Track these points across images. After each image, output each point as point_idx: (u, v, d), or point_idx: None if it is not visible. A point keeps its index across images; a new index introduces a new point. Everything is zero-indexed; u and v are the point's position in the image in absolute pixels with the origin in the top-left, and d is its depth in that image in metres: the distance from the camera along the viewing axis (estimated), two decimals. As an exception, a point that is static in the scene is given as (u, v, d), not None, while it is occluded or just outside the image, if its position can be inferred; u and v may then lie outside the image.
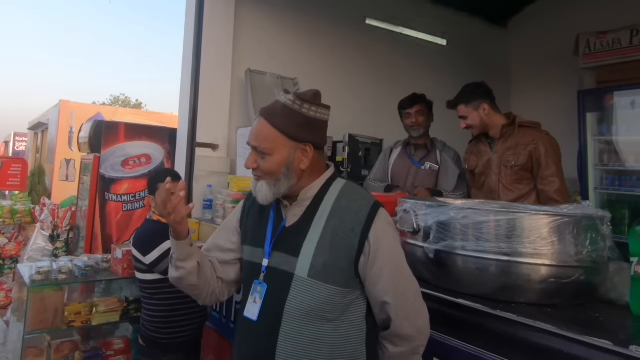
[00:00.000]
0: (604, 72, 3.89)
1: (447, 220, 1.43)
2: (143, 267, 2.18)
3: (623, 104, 3.69)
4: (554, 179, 2.17)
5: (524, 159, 2.21)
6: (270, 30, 3.73)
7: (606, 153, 3.81)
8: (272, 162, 1.20)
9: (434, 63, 4.59)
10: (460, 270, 1.41)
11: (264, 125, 1.21)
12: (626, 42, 3.73)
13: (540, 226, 1.32)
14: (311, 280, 1.15)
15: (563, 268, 1.30)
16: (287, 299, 1.16)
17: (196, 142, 3.22)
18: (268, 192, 1.21)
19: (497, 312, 1.29)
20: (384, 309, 1.19)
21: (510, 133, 2.28)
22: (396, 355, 1.21)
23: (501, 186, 2.28)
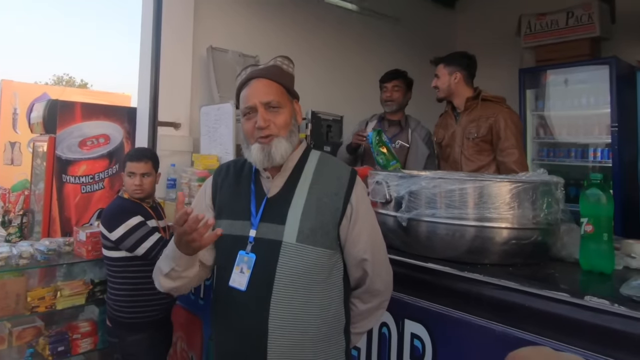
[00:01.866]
0: (542, 51, 4.06)
1: (418, 190, 1.47)
2: (109, 243, 2.10)
3: (557, 81, 3.90)
4: (512, 150, 2.25)
5: (484, 131, 2.29)
6: (231, 7, 3.59)
7: (542, 127, 4.02)
8: (285, 114, 1.22)
9: (387, 41, 4.62)
10: (430, 236, 1.46)
11: (267, 82, 1.23)
12: (562, 24, 3.91)
13: (504, 192, 1.38)
14: (300, 245, 1.17)
15: (523, 230, 1.38)
16: (277, 266, 1.16)
17: (158, 121, 3.09)
18: (287, 147, 1.21)
19: (465, 273, 1.35)
20: (361, 266, 1.25)
21: (473, 106, 2.35)
22: (364, 311, 1.30)
23: (463, 157, 2.36)
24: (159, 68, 3.07)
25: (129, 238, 2.03)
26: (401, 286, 1.47)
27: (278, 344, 1.14)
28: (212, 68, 3.33)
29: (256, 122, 1.20)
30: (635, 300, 1.06)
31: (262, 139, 1.20)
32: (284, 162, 1.23)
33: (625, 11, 3.94)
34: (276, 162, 1.20)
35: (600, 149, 3.60)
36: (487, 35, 4.77)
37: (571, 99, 3.79)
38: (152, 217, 2.16)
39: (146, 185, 2.17)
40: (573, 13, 3.84)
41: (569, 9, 3.87)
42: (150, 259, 2.03)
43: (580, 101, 3.71)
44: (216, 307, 1.28)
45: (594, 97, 3.61)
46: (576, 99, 3.74)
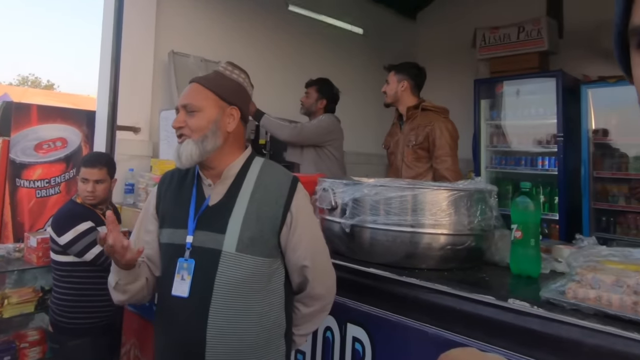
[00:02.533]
0: (496, 63, 4.20)
1: (361, 197, 1.50)
2: (57, 247, 2.04)
3: (510, 92, 4.04)
4: (445, 158, 2.33)
5: (421, 139, 2.36)
6: (195, 12, 3.57)
7: (495, 136, 4.15)
8: (201, 118, 1.20)
9: (352, 51, 4.68)
10: (372, 242, 1.48)
11: (195, 86, 1.25)
12: (514, 37, 4.05)
13: (440, 200, 1.43)
14: (239, 254, 1.17)
15: (458, 236, 1.43)
16: (217, 275, 1.16)
17: (117, 125, 3.02)
18: (194, 150, 1.19)
19: (403, 278, 1.39)
20: (302, 273, 1.25)
21: (414, 115, 2.43)
22: (307, 314, 1.30)
23: (404, 164, 2.43)
24: (119, 71, 3.02)
25: (77, 243, 1.98)
26: (345, 291, 1.49)
27: (216, 352, 1.14)
28: (173, 73, 3.30)
29: None
30: (553, 303, 1.11)
31: (178, 138, 1.23)
32: (190, 165, 1.22)
33: (571, 28, 4.13)
34: (182, 163, 1.20)
35: (548, 157, 3.75)
36: (445, 46, 4.90)
37: (522, 110, 3.93)
38: (103, 223, 2.11)
39: (99, 192, 2.11)
40: (524, 28, 4.00)
41: (520, 23, 4.02)
42: (98, 265, 1.98)
43: (530, 111, 3.86)
44: (157, 319, 1.27)
45: (543, 108, 3.76)
46: (526, 110, 3.88)
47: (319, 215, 1.74)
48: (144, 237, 1.32)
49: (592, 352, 1.02)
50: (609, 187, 3.53)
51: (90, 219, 2.07)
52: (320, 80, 3.04)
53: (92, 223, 2.05)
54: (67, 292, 2.03)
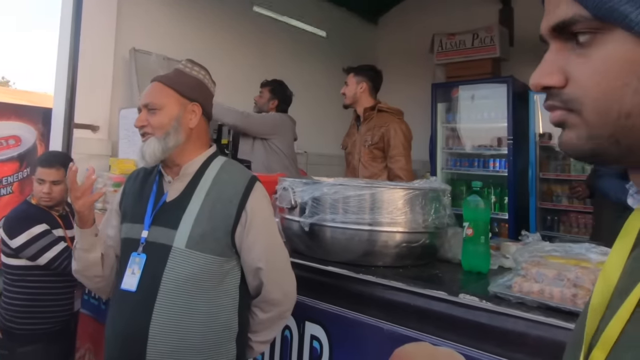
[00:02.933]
0: (452, 68, 4.31)
1: (320, 196, 1.48)
2: (9, 250, 1.91)
3: (465, 97, 4.15)
4: (399, 158, 2.38)
5: (377, 139, 2.40)
6: (158, 9, 3.45)
7: (451, 138, 4.26)
8: (162, 115, 1.20)
9: (315, 53, 4.67)
10: (331, 240, 1.48)
11: (156, 85, 1.24)
12: (469, 44, 4.17)
13: (397, 198, 1.43)
14: (189, 251, 1.14)
15: (413, 234, 1.44)
16: (165, 271, 1.14)
17: (74, 123, 2.88)
18: (157, 147, 1.18)
19: (360, 275, 1.38)
20: (257, 275, 1.22)
21: (371, 116, 2.47)
22: (265, 320, 1.26)
23: (360, 164, 2.45)
24: (77, 68, 2.88)
25: (30, 247, 1.86)
26: (303, 289, 1.46)
27: (157, 350, 1.10)
28: (135, 70, 3.18)
29: None
30: (500, 297, 1.14)
31: (142, 137, 1.22)
32: (154, 162, 1.21)
33: (521, 36, 4.28)
34: (146, 160, 1.20)
35: (499, 159, 3.88)
36: (405, 51, 4.98)
37: (476, 113, 4.05)
38: (59, 225, 1.99)
39: (55, 194, 2.00)
40: (478, 35, 4.12)
41: (474, 30, 4.14)
42: (52, 269, 1.87)
43: (483, 115, 3.98)
44: (109, 311, 1.24)
45: (495, 112, 3.89)
46: (480, 113, 4.00)
47: (279, 214, 1.72)
48: (109, 231, 1.32)
49: (536, 344, 1.05)
50: (554, 188, 3.69)
51: (45, 222, 1.95)
52: (274, 82, 3.08)
53: (47, 226, 1.93)
54: (18, 297, 1.90)
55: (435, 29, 4.48)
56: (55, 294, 1.91)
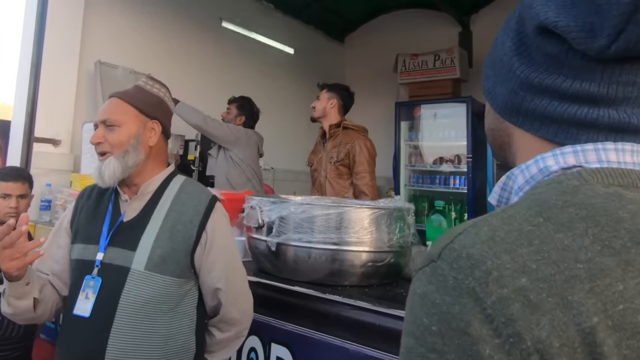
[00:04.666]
0: (415, 88, 4.42)
1: (287, 215, 1.46)
2: None
3: (427, 115, 4.25)
4: (364, 175, 2.40)
5: (342, 155, 2.41)
6: (124, 23, 3.36)
7: (413, 155, 4.34)
8: (121, 133, 1.15)
9: (282, 70, 4.68)
10: (297, 260, 1.45)
11: (115, 101, 1.19)
12: (431, 65, 4.29)
13: (363, 218, 1.43)
14: (148, 273, 1.09)
15: (378, 253, 1.43)
16: (122, 294, 1.07)
17: (34, 137, 2.74)
18: (116, 166, 1.12)
19: (327, 295, 1.36)
20: (215, 295, 1.19)
21: (337, 133, 2.48)
22: (223, 340, 1.23)
23: (327, 181, 2.45)
24: (38, 79, 2.74)
25: None
26: (269, 310, 1.44)
27: None
28: (100, 83, 3.07)
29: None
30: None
31: (99, 156, 1.17)
32: (113, 183, 1.15)
33: (480, 57, 4.46)
34: (105, 181, 1.13)
35: (459, 177, 3.97)
36: (370, 69, 5.07)
37: (437, 132, 4.15)
38: None
39: (22, 208, 1.89)
40: (439, 56, 4.24)
41: (436, 52, 4.26)
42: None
43: (444, 134, 4.08)
44: (58, 338, 1.15)
45: (455, 131, 3.99)
46: (441, 132, 4.10)
47: (245, 233, 1.68)
48: (55, 252, 1.22)
49: None
50: (510, 204, 3.80)
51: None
52: (242, 98, 3.08)
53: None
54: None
55: (398, 49, 4.59)
56: (6, 338, 1.76)
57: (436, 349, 0.34)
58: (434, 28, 4.75)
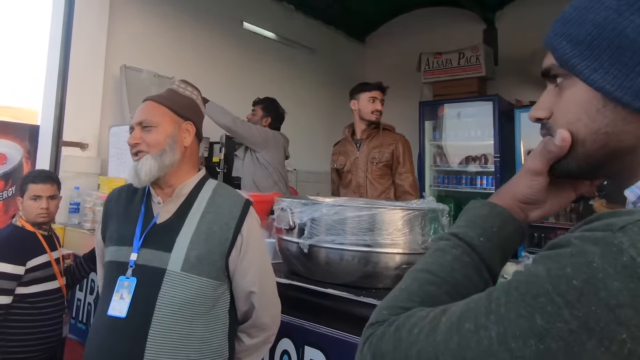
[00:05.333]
0: (438, 87, 4.38)
1: (319, 217, 1.46)
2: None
3: (451, 115, 4.21)
4: (408, 175, 2.42)
5: (387, 157, 2.41)
6: (149, 26, 3.43)
7: (438, 155, 4.30)
8: (158, 133, 1.18)
9: (303, 70, 4.70)
10: (330, 262, 1.45)
11: (150, 103, 1.22)
12: (455, 63, 4.25)
13: (396, 219, 1.42)
14: (184, 274, 1.11)
15: (412, 255, 1.42)
16: (159, 295, 1.09)
17: (62, 141, 2.82)
18: (153, 165, 1.15)
19: (361, 298, 1.35)
20: (249, 299, 1.20)
21: (375, 134, 2.46)
22: (251, 346, 1.24)
23: (368, 181, 2.44)
24: (66, 84, 2.82)
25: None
26: (302, 312, 1.44)
27: None
28: (125, 87, 3.14)
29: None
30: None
31: (134, 156, 1.19)
32: (149, 181, 1.17)
33: (505, 55, 4.39)
34: (141, 179, 1.16)
35: (486, 177, 3.91)
36: (392, 69, 5.04)
37: (462, 131, 4.10)
38: (44, 250, 1.91)
39: (52, 209, 1.96)
40: (464, 54, 4.20)
41: (460, 50, 4.22)
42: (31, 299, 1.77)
43: (469, 133, 4.02)
44: (89, 341, 1.16)
45: (481, 130, 3.94)
46: (466, 131, 4.05)
47: (275, 235, 1.69)
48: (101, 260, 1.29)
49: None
50: (540, 204, 3.73)
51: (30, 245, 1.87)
52: (267, 100, 3.10)
53: (14, 266, 1.78)
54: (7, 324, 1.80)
55: (421, 48, 4.56)
56: (46, 319, 1.82)
57: (567, 299, 0.34)
58: (458, 26, 4.70)
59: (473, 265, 0.51)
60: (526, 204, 0.56)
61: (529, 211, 0.57)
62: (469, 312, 0.40)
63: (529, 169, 0.55)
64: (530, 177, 0.54)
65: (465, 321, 0.40)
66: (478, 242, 0.52)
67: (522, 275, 0.39)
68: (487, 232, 0.53)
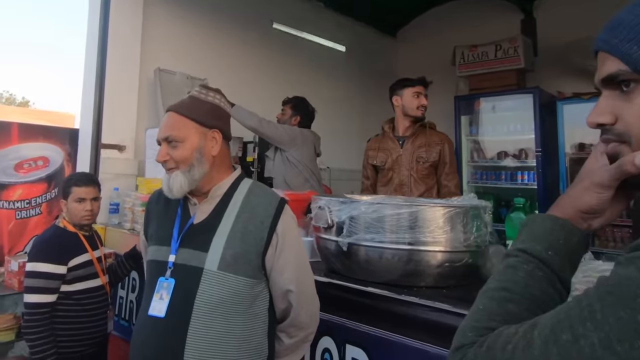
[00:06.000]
0: (475, 80, 4.29)
1: (358, 215, 1.47)
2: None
3: (488, 109, 4.12)
4: (455, 175, 2.44)
5: (435, 156, 2.40)
6: (180, 29, 3.54)
7: (475, 151, 4.22)
8: (184, 148, 1.20)
9: (334, 68, 4.72)
10: (370, 260, 1.46)
11: (173, 116, 1.23)
12: (492, 55, 4.15)
13: (437, 217, 1.41)
14: (221, 273, 1.14)
15: (455, 253, 1.41)
16: (197, 294, 1.12)
17: (101, 143, 2.94)
18: (183, 181, 1.19)
19: (402, 296, 1.36)
20: (286, 297, 1.22)
21: (420, 132, 2.44)
22: (291, 345, 1.26)
23: (413, 180, 2.42)
24: (103, 88, 2.95)
25: (29, 279, 1.84)
26: (342, 310, 1.46)
27: None
28: (159, 90, 3.25)
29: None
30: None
31: (166, 171, 1.23)
32: (182, 195, 1.21)
33: (545, 46, 4.26)
34: (174, 194, 1.20)
35: (527, 172, 3.81)
36: (426, 63, 4.97)
37: (501, 125, 4.01)
38: (85, 250, 2.00)
39: (96, 210, 2.07)
40: (501, 46, 4.10)
41: (497, 42, 4.12)
42: (26, 316, 1.83)
43: (508, 127, 3.93)
44: (132, 339, 1.22)
45: (520, 124, 3.84)
46: (505, 126, 3.96)
47: (313, 233, 1.71)
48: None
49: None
50: (587, 200, 3.60)
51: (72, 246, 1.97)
52: (296, 98, 3.13)
53: (56, 266, 1.87)
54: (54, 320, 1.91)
55: (456, 41, 4.48)
56: (91, 315, 1.91)
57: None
58: (493, 17, 4.60)
59: (546, 278, 0.54)
60: (589, 214, 0.57)
61: (591, 220, 0.58)
62: (561, 323, 0.42)
63: (597, 182, 0.56)
64: (598, 189, 0.56)
65: (561, 332, 0.41)
66: (547, 256, 0.55)
67: (613, 279, 0.41)
68: (554, 245, 0.55)
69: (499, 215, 3.75)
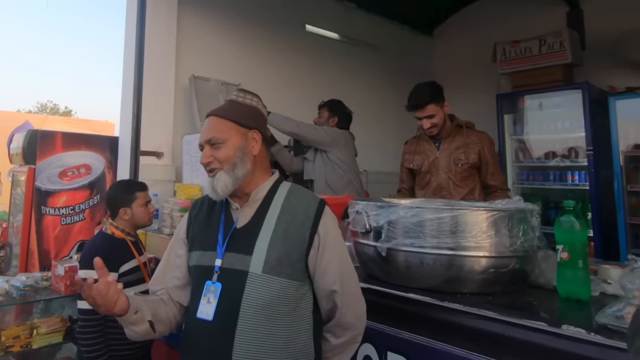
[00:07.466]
0: (517, 77, 4.18)
1: (397, 220, 1.47)
2: None
3: (533, 106, 4.01)
4: (499, 174, 2.40)
5: (474, 157, 2.34)
6: (214, 37, 3.66)
7: (521, 151, 4.11)
8: (226, 148, 1.25)
9: (369, 69, 4.72)
10: (410, 266, 1.45)
11: (214, 120, 1.29)
12: (536, 51, 4.03)
13: (480, 221, 1.39)
14: (266, 276, 1.17)
15: (500, 258, 1.39)
16: (243, 297, 1.16)
17: (140, 151, 3.07)
18: (227, 180, 1.23)
19: (445, 303, 1.35)
20: (331, 298, 1.24)
21: (456, 133, 2.40)
22: (338, 345, 1.28)
23: (451, 183, 2.37)
24: (141, 97, 3.07)
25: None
26: (384, 317, 1.46)
27: None
28: (195, 97, 3.35)
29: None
30: (610, 329, 1.06)
31: (209, 173, 1.28)
32: (226, 194, 1.25)
33: (594, 39, 4.10)
34: (218, 194, 1.24)
35: (578, 172, 3.67)
36: (464, 61, 4.91)
37: (547, 124, 3.89)
38: (132, 255, 2.10)
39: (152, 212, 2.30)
40: (545, 41, 3.98)
41: (541, 36, 4.00)
42: (81, 322, 1.92)
43: (556, 125, 3.81)
44: (183, 341, 1.27)
45: (569, 122, 3.71)
46: (552, 124, 3.83)
47: (351, 238, 1.72)
48: (175, 260, 1.37)
49: (657, 382, 0.97)
50: (646, 201, 3.44)
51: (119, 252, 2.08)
52: (332, 101, 3.15)
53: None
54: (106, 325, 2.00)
55: (496, 37, 4.39)
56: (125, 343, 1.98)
57: None
58: (535, 11, 4.47)
59: None
60: None
61: None
62: None
63: None
64: None
65: None
66: None
67: None
68: None
69: (547, 217, 3.63)
